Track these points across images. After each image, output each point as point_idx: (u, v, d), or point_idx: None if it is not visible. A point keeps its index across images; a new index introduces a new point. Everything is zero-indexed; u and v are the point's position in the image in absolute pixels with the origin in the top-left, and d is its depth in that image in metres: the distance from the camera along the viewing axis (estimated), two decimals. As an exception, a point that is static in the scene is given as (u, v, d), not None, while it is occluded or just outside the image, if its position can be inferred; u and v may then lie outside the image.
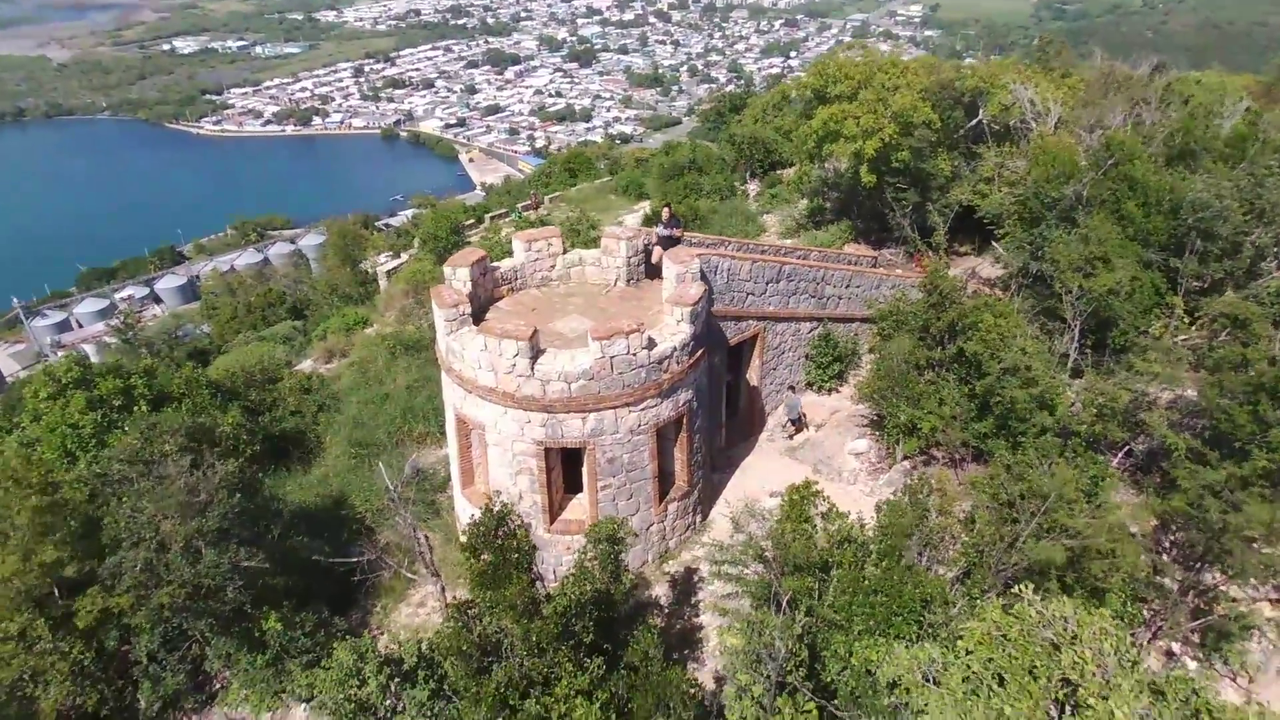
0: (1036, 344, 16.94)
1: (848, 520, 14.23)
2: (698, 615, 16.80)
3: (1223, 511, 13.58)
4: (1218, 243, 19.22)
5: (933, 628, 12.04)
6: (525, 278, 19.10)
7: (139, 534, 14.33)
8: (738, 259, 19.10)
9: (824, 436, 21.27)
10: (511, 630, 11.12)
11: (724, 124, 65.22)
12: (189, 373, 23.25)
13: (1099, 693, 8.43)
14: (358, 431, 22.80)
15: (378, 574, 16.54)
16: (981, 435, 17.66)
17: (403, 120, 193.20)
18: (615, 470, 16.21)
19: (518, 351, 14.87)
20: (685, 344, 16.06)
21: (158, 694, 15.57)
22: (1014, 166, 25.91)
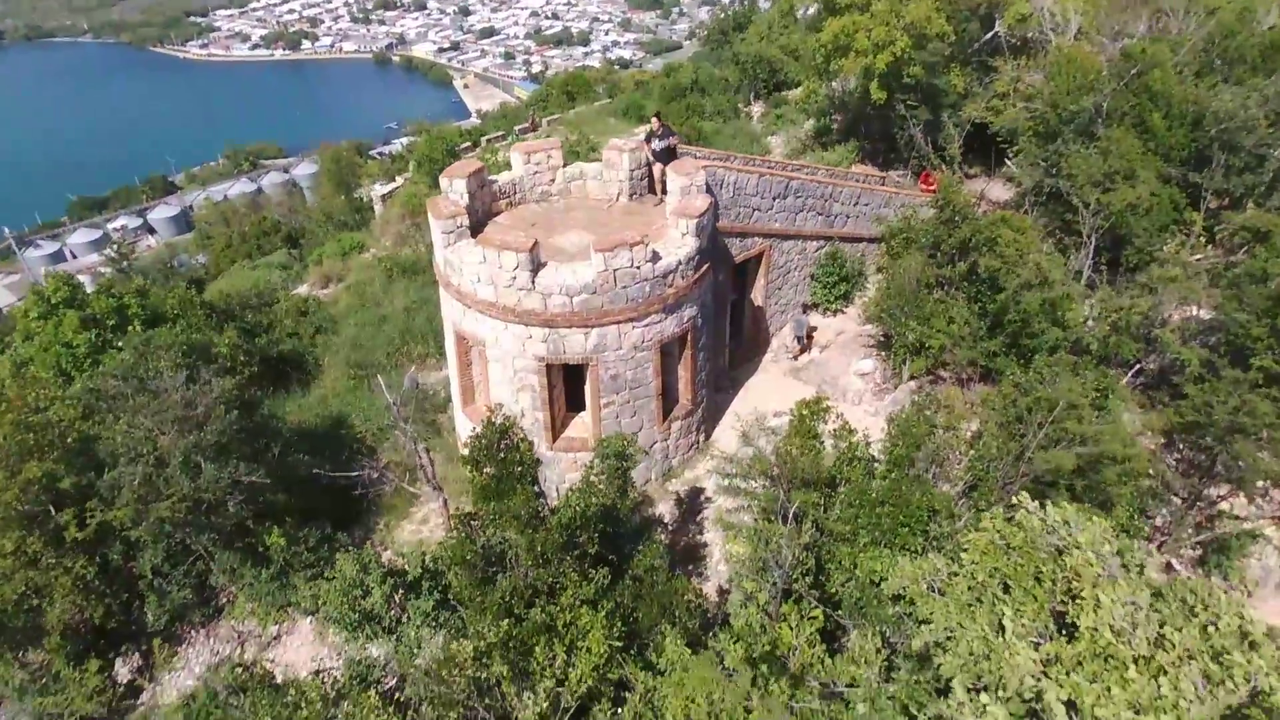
0: (1055, 258, 16.47)
1: (856, 437, 14.06)
2: (702, 532, 16.81)
3: (1230, 413, 13.37)
4: (1241, 155, 18.54)
5: (938, 540, 11.96)
6: (524, 192, 18.49)
7: (136, 449, 14.14)
8: (744, 172, 18.47)
9: (829, 357, 20.99)
10: (516, 541, 11.00)
11: (727, 43, 63.03)
12: (183, 293, 22.80)
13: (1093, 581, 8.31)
14: (356, 353, 22.51)
15: (379, 488, 16.44)
16: (991, 354, 17.37)
17: (395, 44, 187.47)
18: (618, 387, 15.95)
19: (518, 264, 14.41)
20: (690, 257, 15.60)
21: (164, 608, 15.64)
22: (1030, 81, 24.95)
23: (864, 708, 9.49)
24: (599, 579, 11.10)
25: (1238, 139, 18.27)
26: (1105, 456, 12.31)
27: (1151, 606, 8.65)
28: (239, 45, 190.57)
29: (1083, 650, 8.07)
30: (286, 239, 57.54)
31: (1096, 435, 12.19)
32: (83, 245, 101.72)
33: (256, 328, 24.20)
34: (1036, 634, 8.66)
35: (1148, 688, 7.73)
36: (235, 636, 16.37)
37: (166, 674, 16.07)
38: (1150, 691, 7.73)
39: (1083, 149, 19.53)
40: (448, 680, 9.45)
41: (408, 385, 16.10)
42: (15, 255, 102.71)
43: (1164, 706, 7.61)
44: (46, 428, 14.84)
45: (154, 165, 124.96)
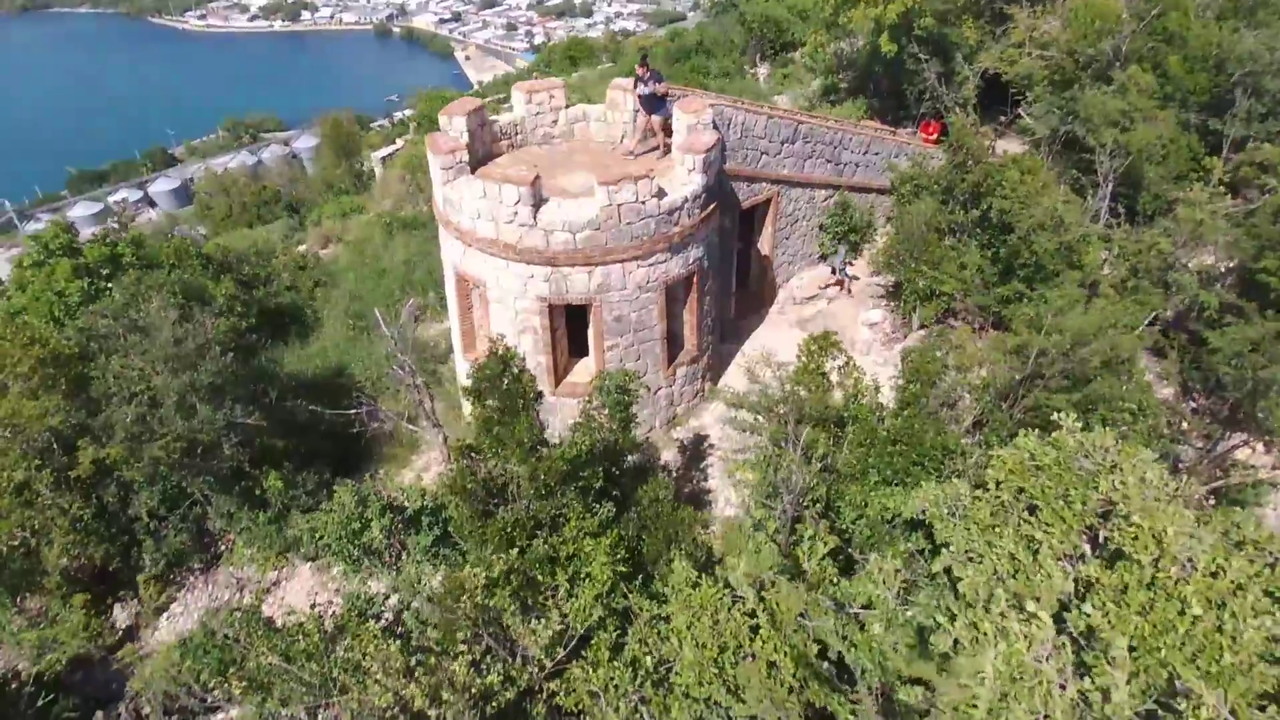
0: (1069, 198, 16.00)
1: (864, 378, 13.70)
2: (706, 479, 16.52)
3: (1260, 368, 13.00)
4: (1264, 99, 17.97)
5: (955, 476, 11.62)
6: (526, 134, 17.99)
7: (129, 388, 13.83)
8: (752, 113, 17.94)
9: (837, 308, 20.57)
10: (518, 471, 10.69)
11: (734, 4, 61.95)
12: (179, 243, 22.41)
13: (1142, 508, 7.94)
14: (355, 305, 22.15)
15: (379, 425, 16.13)
16: (1004, 300, 16.94)
17: (395, 15, 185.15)
18: (622, 329, 15.57)
19: (519, 198, 13.98)
20: (697, 195, 15.15)
21: (161, 552, 15.44)
22: (1047, 29, 24.25)
23: (880, 629, 9.18)
24: (603, 512, 10.80)
25: (1262, 83, 17.69)
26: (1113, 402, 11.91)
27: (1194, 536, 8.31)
28: (237, 16, 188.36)
29: (1129, 579, 7.69)
30: (287, 208, 57.12)
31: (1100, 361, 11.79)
32: (83, 218, 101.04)
33: (254, 280, 23.82)
34: (1066, 556, 8.34)
35: (1209, 624, 7.32)
36: (234, 583, 16.18)
37: (164, 618, 15.88)
38: (1211, 628, 7.34)
39: (1101, 90, 18.97)
40: (454, 608, 9.16)
41: (406, 314, 15.72)
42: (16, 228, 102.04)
43: (1223, 644, 7.25)
44: (58, 361, 14.54)
45: (153, 138, 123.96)
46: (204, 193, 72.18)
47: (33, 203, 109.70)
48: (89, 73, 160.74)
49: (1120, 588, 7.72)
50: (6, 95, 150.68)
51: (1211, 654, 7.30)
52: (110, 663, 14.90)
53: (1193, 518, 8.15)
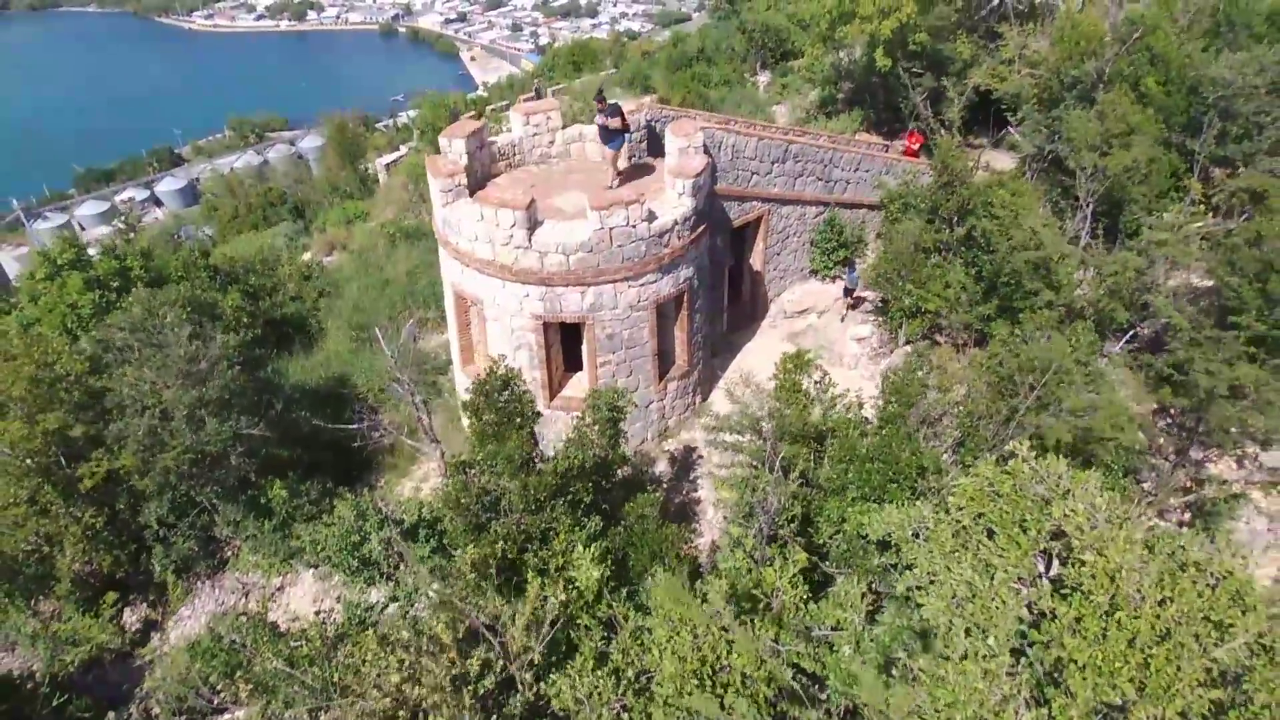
0: (1049, 220, 16.51)
1: (844, 393, 14.24)
2: (696, 490, 17.07)
3: (1210, 375, 13.53)
4: (1238, 122, 18.46)
5: (926, 495, 12.16)
6: (523, 154, 18.57)
7: (142, 401, 14.44)
8: (743, 134, 18.48)
9: (827, 323, 21.12)
10: (510, 487, 11.26)
11: (735, 12, 62.41)
12: (187, 255, 23.03)
13: (1094, 544, 8.50)
14: (358, 316, 22.72)
15: (379, 439, 16.72)
16: (985, 317, 17.47)
17: (401, 15, 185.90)
18: (615, 346, 16.14)
19: (515, 221, 14.56)
20: (687, 217, 15.71)
21: (170, 558, 16.04)
22: (1036, 48, 24.76)
23: (848, 650, 9.76)
24: (592, 525, 11.36)
25: (1235, 106, 18.17)
26: (1095, 434, 12.43)
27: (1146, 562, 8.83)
28: (244, 15, 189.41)
29: (1083, 610, 8.23)
30: (292, 210, 57.83)
31: (1090, 405, 12.32)
32: (90, 217, 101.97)
33: (260, 290, 24.42)
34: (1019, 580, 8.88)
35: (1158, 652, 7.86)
36: (240, 588, 16.77)
37: (173, 622, 16.50)
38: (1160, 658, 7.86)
39: (1082, 113, 19.46)
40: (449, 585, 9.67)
41: (406, 334, 16.28)
42: (23, 227, 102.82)
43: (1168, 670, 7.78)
44: (57, 381, 15.15)
45: (160, 137, 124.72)
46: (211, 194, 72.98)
47: (40, 201, 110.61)
48: (96, 72, 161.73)
49: (1075, 618, 8.26)
50: (14, 94, 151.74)
51: (1158, 682, 7.84)
52: (120, 665, 15.53)
53: (1140, 546, 8.70)
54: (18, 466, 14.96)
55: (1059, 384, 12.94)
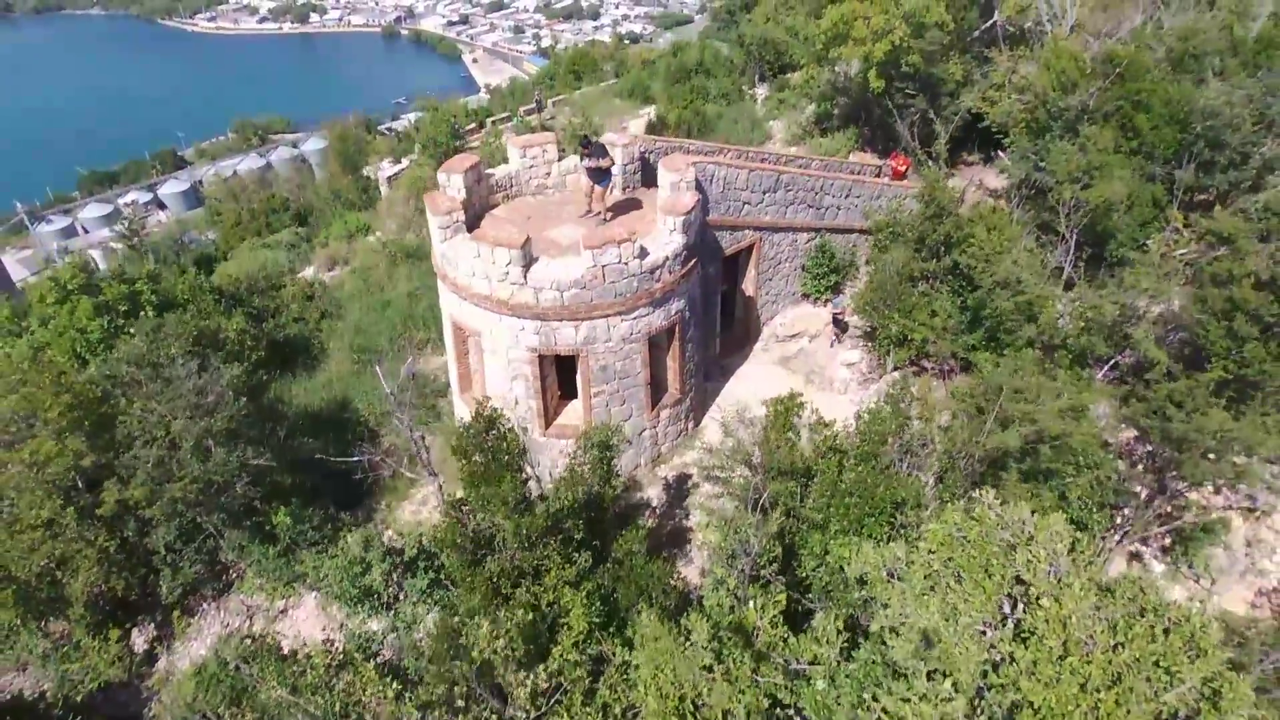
0: (1030, 256, 16.96)
1: (832, 430, 14.71)
2: (688, 516, 17.54)
3: (1183, 420, 13.98)
4: (1225, 152, 18.87)
5: (904, 528, 12.64)
6: (520, 185, 19.06)
7: (151, 433, 14.96)
8: (734, 167, 18.95)
9: (817, 347, 21.57)
10: (503, 525, 11.75)
11: (734, 23, 62.90)
12: (192, 279, 23.56)
13: (1050, 591, 8.98)
14: (359, 338, 23.25)
15: (379, 473, 17.22)
16: (970, 347, 17.93)
17: (403, 17, 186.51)
18: (608, 377, 16.62)
19: (510, 259, 15.04)
20: (678, 253, 16.18)
21: (177, 581, 16.55)
22: (1025, 73, 25.17)
23: (824, 684, 10.25)
24: (582, 562, 11.85)
25: (1223, 136, 18.58)
26: (1047, 435, 12.92)
27: (1100, 607, 9.33)
28: (247, 18, 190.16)
29: (1039, 655, 8.72)
30: (295, 217, 58.46)
31: (1036, 414, 12.80)
32: (94, 220, 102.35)
33: (264, 312, 24.99)
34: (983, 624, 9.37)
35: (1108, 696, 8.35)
36: (245, 610, 17.28)
37: (180, 643, 17.02)
38: (1111, 699, 8.35)
39: (1067, 144, 19.90)
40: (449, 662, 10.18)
41: (405, 373, 16.81)
42: (27, 229, 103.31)
43: (1118, 714, 8.26)
44: (84, 406, 15.67)
45: (163, 139, 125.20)
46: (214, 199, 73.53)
47: (44, 204, 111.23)
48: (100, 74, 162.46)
49: (1032, 662, 8.74)
50: (18, 96, 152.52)
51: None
52: (129, 686, 16.05)
53: (1095, 593, 9.17)
54: (45, 485, 15.47)
55: (1014, 400, 13.41)
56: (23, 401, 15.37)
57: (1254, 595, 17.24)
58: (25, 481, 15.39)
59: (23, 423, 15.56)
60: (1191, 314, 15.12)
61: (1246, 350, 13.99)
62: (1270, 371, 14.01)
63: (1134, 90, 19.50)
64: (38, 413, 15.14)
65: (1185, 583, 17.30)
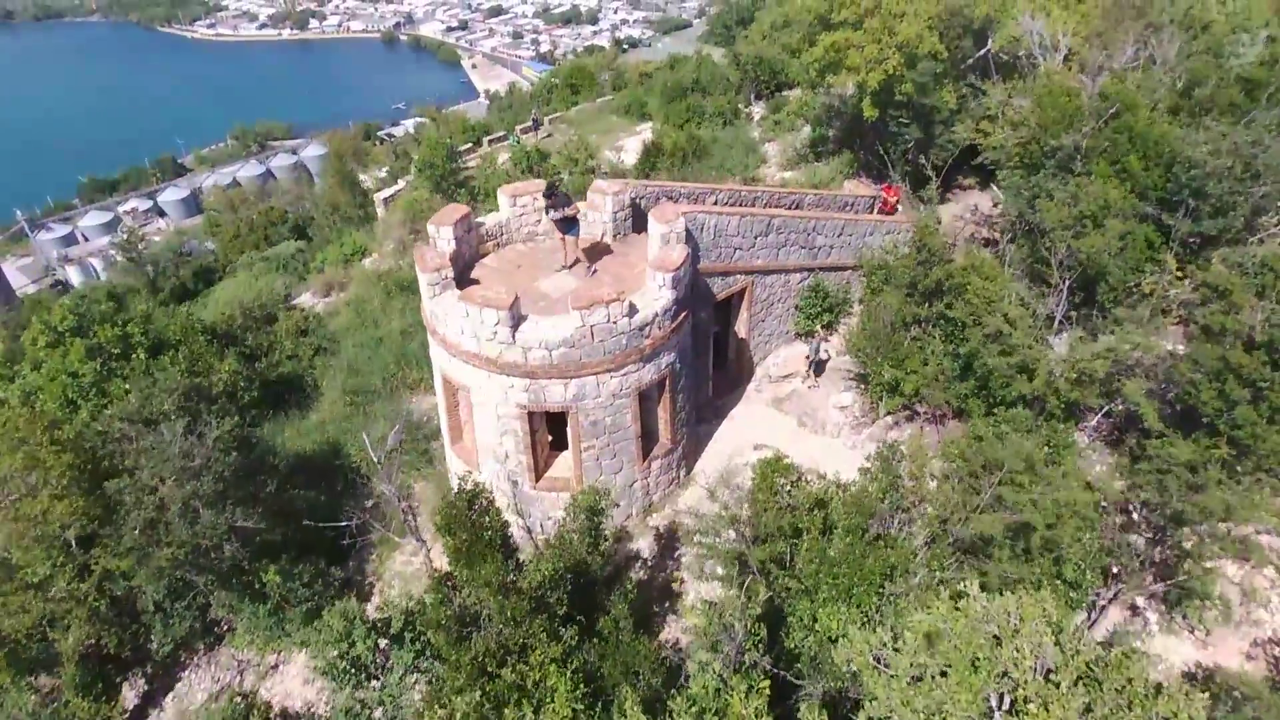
0: (1021, 310, 16.87)
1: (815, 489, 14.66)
2: (680, 569, 17.48)
3: (1182, 494, 13.92)
4: (1210, 201, 18.78)
5: (894, 597, 12.58)
6: (511, 233, 19.02)
7: (139, 495, 14.92)
8: (725, 214, 18.88)
9: (810, 388, 21.49)
10: (489, 603, 11.70)
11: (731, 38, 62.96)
12: (185, 319, 23.52)
13: (1037, 694, 8.92)
14: (352, 379, 23.19)
15: (367, 538, 17.17)
16: (963, 395, 17.86)
17: (403, 23, 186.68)
18: (598, 432, 16.57)
19: (499, 319, 15.00)
20: (667, 309, 16.12)
21: (167, 638, 16.53)
22: (1019, 105, 25.10)
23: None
24: (568, 638, 11.79)
25: (1207, 186, 18.50)
26: (1029, 526, 12.86)
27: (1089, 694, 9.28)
28: (246, 24, 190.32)
29: None
30: (294, 229, 58.54)
31: (1025, 505, 12.74)
32: (94, 228, 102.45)
33: (257, 351, 24.95)
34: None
35: None
36: (235, 664, 17.26)
37: (170, 698, 16.99)
38: None
39: (1059, 184, 19.84)
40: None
41: (392, 440, 16.76)
42: (27, 237, 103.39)
43: None
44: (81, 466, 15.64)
45: (163, 146, 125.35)
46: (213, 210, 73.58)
47: (44, 211, 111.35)
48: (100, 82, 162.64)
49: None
50: (19, 103, 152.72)
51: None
52: (121, 744, 16.01)
53: (1084, 689, 9.12)
54: (40, 544, 15.44)
55: (1009, 483, 13.34)
56: (27, 459, 15.37)
57: (1249, 646, 17.18)
58: (19, 541, 15.38)
59: (22, 480, 15.52)
60: (1184, 373, 15.01)
61: (1237, 414, 13.91)
62: (1263, 435, 13.93)
63: (1124, 128, 19.40)
64: (37, 471, 15.11)
65: (1182, 635, 17.26)
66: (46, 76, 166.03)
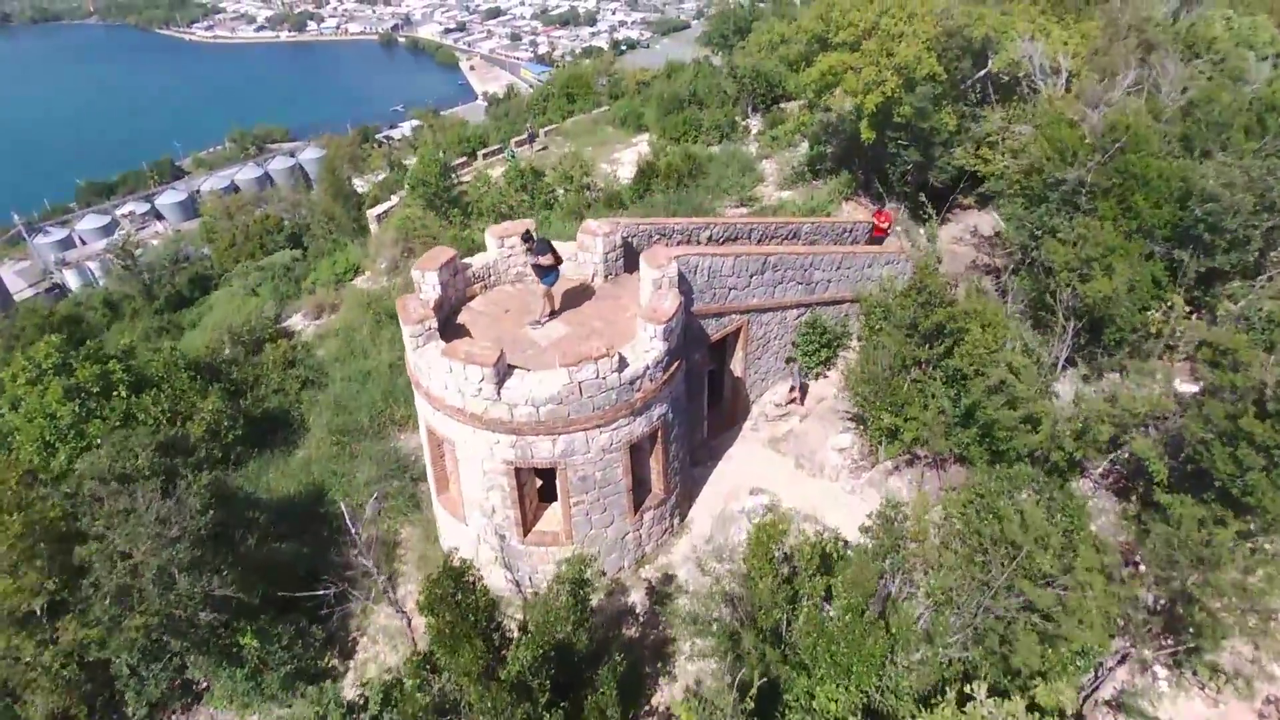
0: (1025, 361, 16.30)
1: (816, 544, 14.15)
2: (672, 626, 16.92)
3: (1193, 566, 13.39)
4: (1224, 236, 18.23)
5: (894, 681, 12.06)
6: (499, 274, 18.47)
7: (111, 562, 14.36)
8: (719, 255, 18.32)
9: (808, 428, 20.92)
10: (469, 691, 11.17)
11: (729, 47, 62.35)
12: (168, 355, 22.96)
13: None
14: (339, 417, 22.64)
15: (346, 608, 16.61)
16: (964, 444, 17.31)
17: (400, 25, 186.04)
18: (588, 487, 16.03)
19: (483, 377, 14.45)
20: (659, 361, 15.56)
21: (142, 701, 15.99)
22: (1020, 131, 24.53)
23: None
24: (552, 723, 11.27)
25: (1223, 221, 17.94)
26: (1059, 623, 12.29)
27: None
28: (244, 27, 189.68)
29: None
30: (290, 238, 58.10)
31: (1050, 605, 12.17)
32: (91, 231, 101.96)
33: (242, 384, 24.40)
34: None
35: None
36: (214, 726, 16.72)
37: (148, 763, 16.45)
38: None
39: (1063, 221, 19.30)
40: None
41: (371, 511, 16.24)
42: (25, 242, 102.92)
43: None
44: (39, 534, 15.03)
45: (161, 149, 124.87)
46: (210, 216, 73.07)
47: (41, 215, 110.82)
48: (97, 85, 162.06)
49: None
50: (16, 106, 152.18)
51: None
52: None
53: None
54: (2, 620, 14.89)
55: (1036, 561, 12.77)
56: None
57: (1261, 704, 16.64)
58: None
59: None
60: (1196, 433, 14.44)
61: (1249, 479, 13.35)
62: (1276, 500, 13.38)
63: (1131, 165, 18.82)
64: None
65: (1190, 690, 16.73)
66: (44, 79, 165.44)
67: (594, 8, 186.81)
